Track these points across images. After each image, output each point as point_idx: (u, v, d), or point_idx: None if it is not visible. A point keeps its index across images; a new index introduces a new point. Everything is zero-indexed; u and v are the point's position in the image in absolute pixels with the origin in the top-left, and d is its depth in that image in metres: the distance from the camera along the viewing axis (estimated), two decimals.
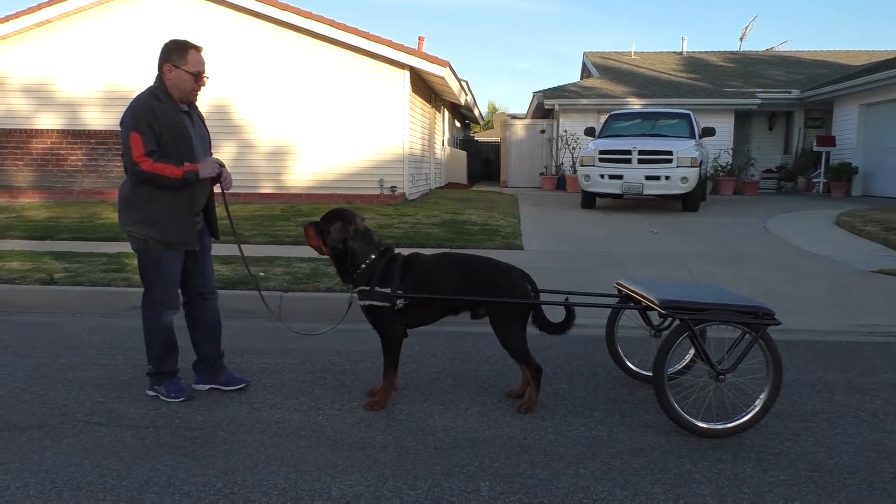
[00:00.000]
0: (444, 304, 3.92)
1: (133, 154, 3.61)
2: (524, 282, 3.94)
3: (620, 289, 4.33)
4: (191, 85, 3.83)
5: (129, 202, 3.84)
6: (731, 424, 3.55)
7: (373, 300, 3.81)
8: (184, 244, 3.90)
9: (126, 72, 13.99)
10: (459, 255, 4.17)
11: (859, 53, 24.77)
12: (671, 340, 3.56)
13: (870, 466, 3.20)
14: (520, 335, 3.88)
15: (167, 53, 3.81)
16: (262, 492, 2.86)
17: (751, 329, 3.55)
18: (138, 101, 3.74)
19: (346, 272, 3.92)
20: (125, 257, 7.79)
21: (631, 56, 26.43)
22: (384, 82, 14.03)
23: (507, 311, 3.86)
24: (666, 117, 15.21)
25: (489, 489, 2.91)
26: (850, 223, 11.26)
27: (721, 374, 3.61)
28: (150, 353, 4.05)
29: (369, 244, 3.89)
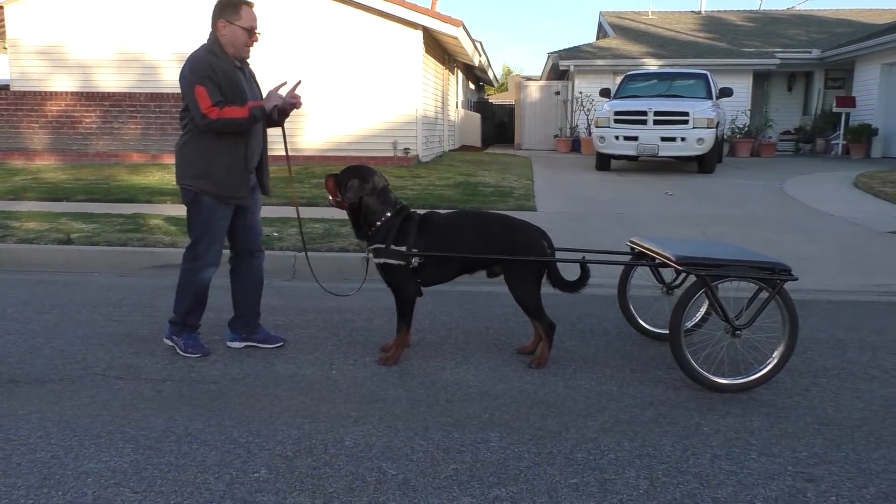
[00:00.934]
0: (460, 263, 3.92)
1: (200, 106, 3.65)
2: (540, 238, 3.94)
3: (633, 246, 4.33)
4: (244, 40, 3.86)
5: (186, 156, 3.90)
6: (747, 379, 3.57)
7: (388, 258, 3.82)
8: (237, 199, 3.94)
9: (139, 34, 13.97)
10: (475, 213, 4.18)
11: (883, 12, 24.22)
12: (688, 296, 3.55)
13: (878, 420, 3.22)
14: (534, 292, 3.89)
15: (221, 9, 3.83)
16: (277, 441, 2.92)
17: (767, 285, 3.55)
18: (196, 57, 3.78)
19: (360, 228, 3.93)
20: (140, 218, 7.86)
21: (648, 16, 25.98)
22: (397, 43, 13.90)
23: (521, 267, 3.87)
24: (682, 78, 15.00)
25: (499, 439, 2.95)
26: (868, 184, 11.13)
27: (738, 329, 3.61)
28: (178, 303, 4.07)
29: (385, 202, 3.88)
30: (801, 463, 2.78)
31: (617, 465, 2.74)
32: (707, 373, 3.56)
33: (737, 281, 3.66)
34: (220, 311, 4.91)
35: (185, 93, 3.74)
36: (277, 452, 2.82)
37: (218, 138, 3.79)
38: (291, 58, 13.74)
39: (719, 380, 3.56)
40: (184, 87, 3.75)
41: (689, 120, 12.86)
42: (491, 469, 2.70)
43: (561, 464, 2.75)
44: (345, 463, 2.74)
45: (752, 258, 3.70)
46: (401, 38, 13.89)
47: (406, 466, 2.72)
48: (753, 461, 2.79)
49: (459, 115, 21.70)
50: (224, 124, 3.71)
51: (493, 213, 4.12)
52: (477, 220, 4.06)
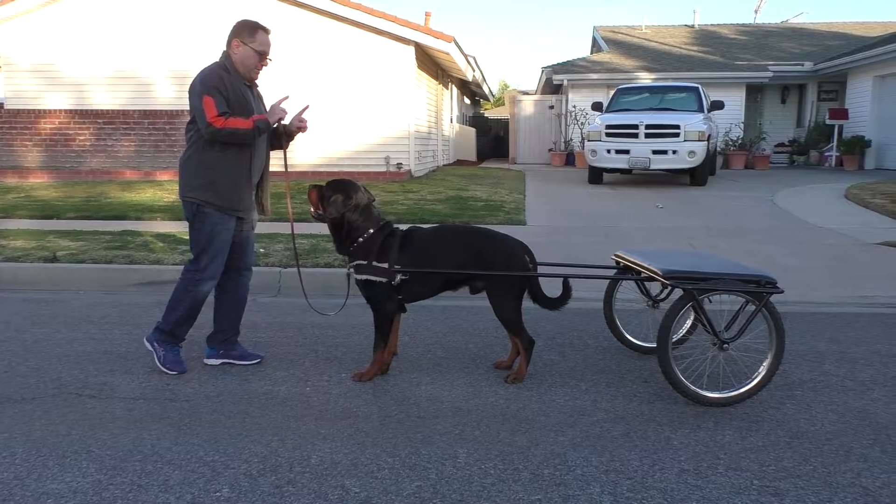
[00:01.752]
0: (443, 278, 3.90)
1: (206, 116, 3.69)
2: (522, 253, 3.91)
3: (619, 260, 4.32)
4: (254, 62, 3.93)
5: (190, 168, 3.93)
6: (735, 393, 3.55)
7: (370, 275, 3.79)
8: (239, 211, 3.97)
9: (133, 52, 14.04)
10: (457, 228, 4.18)
11: (875, 25, 24.34)
12: (676, 310, 3.54)
13: (850, 432, 3.20)
14: (515, 307, 3.86)
15: (238, 30, 3.93)
16: (243, 459, 2.91)
17: (754, 298, 3.54)
18: (207, 71, 3.85)
19: (342, 243, 3.90)
20: (128, 235, 7.88)
21: (642, 30, 26.11)
22: (389, 59, 13.97)
23: (503, 282, 3.84)
24: (674, 91, 15.06)
25: (466, 456, 2.94)
26: (859, 196, 11.15)
27: (725, 342, 3.60)
28: (170, 311, 4.05)
29: (368, 218, 3.86)
30: (769, 477, 2.77)
31: (582, 481, 2.72)
32: (695, 387, 3.54)
33: (723, 294, 3.64)
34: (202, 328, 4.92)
35: (193, 103, 3.79)
36: (242, 471, 2.80)
37: (223, 150, 3.84)
38: (284, 74, 13.78)
39: (708, 394, 3.53)
40: (192, 97, 3.81)
41: (681, 133, 12.90)
42: (455, 486, 2.69)
43: (526, 480, 2.73)
44: (308, 481, 2.72)
45: (739, 271, 3.70)
46: (393, 54, 13.96)
47: (370, 484, 2.70)
48: (721, 475, 2.78)
49: (454, 129, 21.76)
50: (228, 134, 3.75)
51: (476, 227, 4.14)
52: (459, 235, 4.06)
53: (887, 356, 4.36)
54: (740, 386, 3.58)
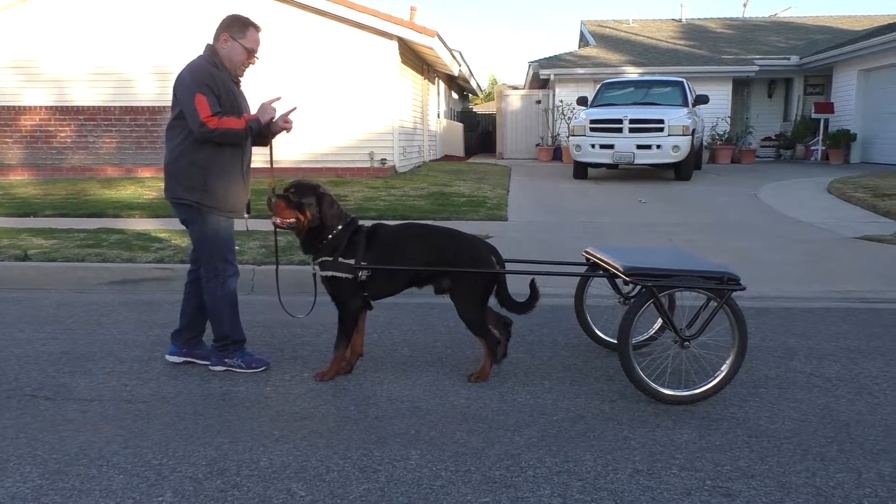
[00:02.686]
0: (408, 276, 3.85)
1: (200, 115, 3.59)
2: (489, 254, 3.85)
3: (588, 257, 4.28)
4: (242, 59, 3.84)
5: (181, 168, 3.79)
6: (697, 391, 3.51)
7: (336, 271, 3.73)
8: (236, 212, 3.91)
9: (113, 48, 13.90)
10: (423, 226, 4.08)
11: (861, 18, 24.36)
12: (636, 307, 3.50)
13: (810, 431, 3.17)
14: (477, 308, 3.81)
15: (227, 25, 3.83)
16: (190, 462, 2.86)
17: (715, 295, 3.50)
18: (196, 66, 3.73)
19: (310, 243, 3.83)
20: (103, 233, 7.80)
21: (629, 24, 26.06)
22: (372, 54, 13.88)
23: (467, 282, 3.78)
24: (659, 85, 15.03)
25: (419, 457, 2.89)
26: (841, 190, 11.16)
27: (686, 340, 3.56)
28: (218, 325, 3.97)
29: (337, 216, 3.80)
30: (722, 477, 2.73)
31: (533, 483, 2.68)
32: (657, 384, 3.51)
33: (684, 291, 3.60)
34: (167, 327, 4.87)
35: (184, 99, 3.66)
36: (188, 475, 2.75)
37: (216, 150, 3.74)
38: (266, 69, 13.68)
39: (667, 391, 3.50)
40: (182, 93, 3.67)
41: (665, 127, 12.87)
42: (403, 488, 2.64)
43: (476, 482, 2.69)
44: (254, 485, 2.67)
45: (701, 267, 3.65)
46: (376, 49, 13.87)
47: (317, 487, 2.66)
48: (674, 476, 2.74)
49: (441, 124, 21.68)
50: (221, 135, 3.66)
51: (442, 226, 4.04)
52: (425, 233, 4.00)
53: (856, 352, 4.33)
54: (702, 384, 3.54)
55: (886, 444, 3.04)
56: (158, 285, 6.32)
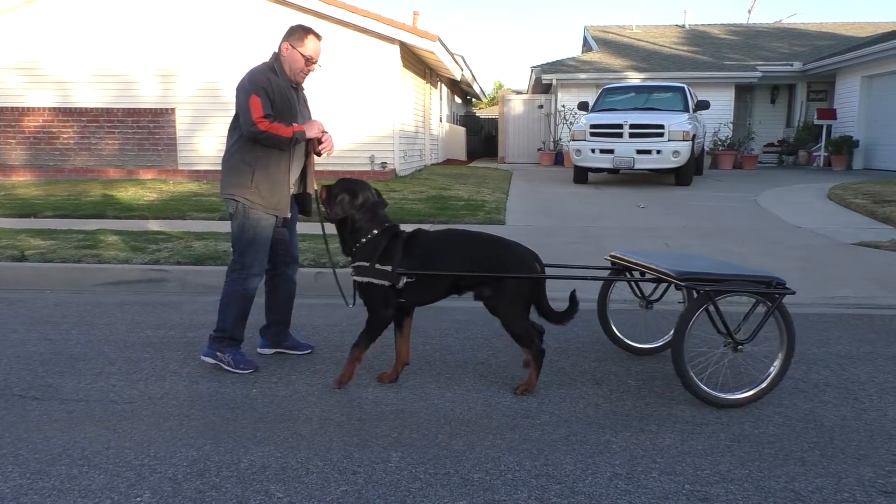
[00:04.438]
0: (447, 283, 3.72)
1: (252, 115, 3.80)
2: (533, 261, 3.73)
3: (614, 261, 4.26)
4: (301, 66, 4.06)
5: (232, 166, 4.01)
6: (748, 394, 3.54)
7: (372, 278, 3.64)
8: (279, 210, 4.04)
9: (117, 50, 13.97)
10: (464, 233, 3.93)
11: (865, 25, 24.33)
12: (692, 312, 3.49)
13: (793, 436, 3.17)
14: (522, 316, 3.69)
15: (289, 34, 4.06)
16: (171, 463, 2.87)
17: (766, 299, 3.55)
18: (256, 71, 3.97)
19: (346, 244, 3.79)
20: (101, 234, 7.82)
21: (632, 29, 26.08)
22: (374, 58, 13.91)
23: (510, 290, 3.64)
24: (660, 91, 15.04)
25: (399, 459, 2.90)
26: (841, 196, 11.13)
27: (739, 343, 3.57)
28: (224, 315, 4.09)
29: (373, 219, 3.73)
30: (701, 482, 2.73)
31: (511, 486, 2.68)
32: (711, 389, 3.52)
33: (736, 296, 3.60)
34: (158, 329, 4.90)
35: (240, 100, 3.90)
36: (168, 475, 2.76)
37: (265, 151, 3.93)
38: None
39: (719, 395, 3.51)
40: (239, 95, 3.91)
41: (665, 133, 12.88)
42: (381, 490, 2.65)
43: (454, 485, 2.69)
44: (233, 486, 2.68)
45: (748, 273, 3.71)
46: (377, 53, 13.91)
47: (295, 489, 2.66)
48: (653, 480, 2.74)
49: (443, 128, 21.71)
50: (268, 137, 3.85)
51: (483, 232, 3.90)
52: (466, 240, 3.83)
53: (845, 358, 4.32)
54: (753, 386, 3.57)
55: (868, 449, 3.03)
56: (153, 287, 6.34)
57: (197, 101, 14.00)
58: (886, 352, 4.42)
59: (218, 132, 14.07)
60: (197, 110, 14.06)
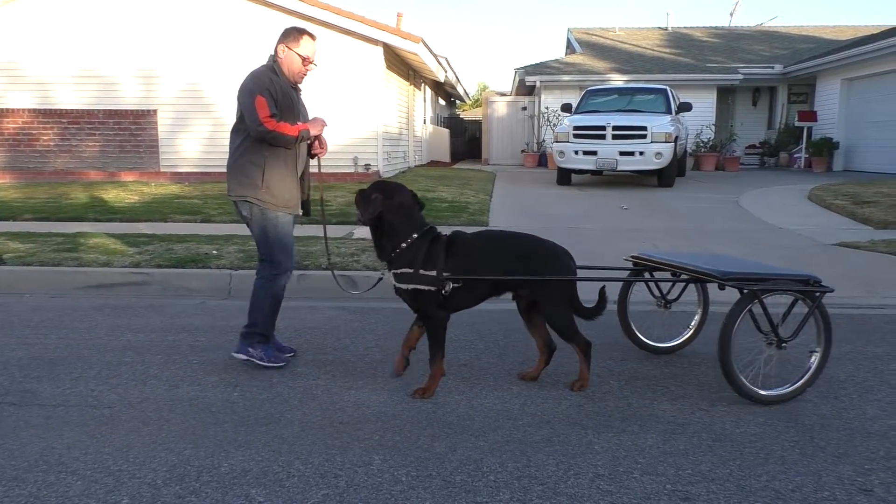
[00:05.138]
0: (488, 286, 3.71)
1: (259, 115, 3.87)
2: (568, 260, 3.77)
3: (636, 262, 4.33)
4: (299, 66, 4.12)
5: (242, 168, 4.05)
6: (789, 390, 3.61)
7: (418, 284, 3.56)
8: (291, 208, 4.13)
9: (98, 51, 13.84)
10: (503, 233, 3.94)
11: (845, 28, 24.59)
12: (738, 311, 3.54)
13: (774, 435, 3.19)
14: (567, 313, 3.72)
15: (284, 36, 4.12)
16: (150, 468, 2.83)
17: (807, 297, 3.63)
18: (257, 73, 4.05)
19: (382, 248, 3.68)
20: (81, 237, 7.74)
21: (615, 32, 26.21)
22: (357, 59, 13.88)
23: (554, 289, 3.68)
24: (642, 93, 15.10)
25: (381, 462, 2.88)
26: (821, 197, 11.23)
27: (784, 341, 3.62)
28: (256, 312, 4.15)
29: (412, 222, 3.64)
30: (683, 481, 2.74)
31: (494, 488, 2.68)
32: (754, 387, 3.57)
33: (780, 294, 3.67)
34: (139, 332, 4.85)
35: (244, 102, 3.95)
36: (147, 481, 2.73)
37: (272, 151, 4.00)
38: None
39: (762, 392, 3.57)
40: (244, 96, 3.97)
41: (648, 134, 12.93)
42: (362, 494, 2.63)
43: (436, 487, 2.68)
44: (213, 490, 2.65)
45: (787, 272, 3.82)
46: (361, 55, 13.87)
47: (276, 493, 2.64)
48: (635, 480, 2.74)
49: (427, 130, 21.69)
50: (275, 136, 3.92)
51: (522, 233, 3.90)
52: (506, 241, 3.84)
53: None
54: (793, 383, 3.63)
55: (848, 447, 3.05)
56: (134, 290, 6.28)
57: (179, 103, 13.90)
58: (866, 351, 4.46)
59: (200, 134, 14.00)
60: (179, 112, 13.96)
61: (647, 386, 3.83)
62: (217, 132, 13.93)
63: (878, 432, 3.23)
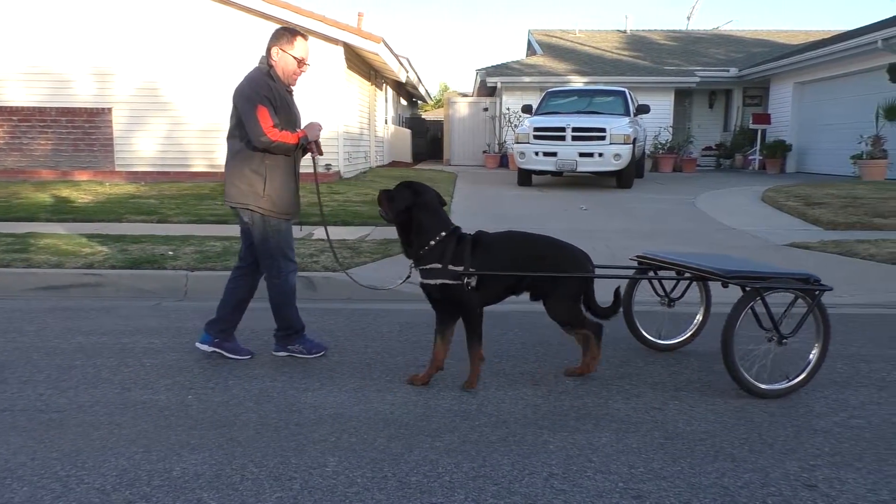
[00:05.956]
0: (508, 284, 3.85)
1: (262, 125, 3.86)
2: (586, 261, 3.95)
3: (642, 261, 4.45)
4: (294, 68, 4.11)
5: (243, 176, 4.05)
6: (789, 384, 3.74)
7: (446, 279, 3.69)
8: (291, 215, 4.18)
9: (50, 47, 13.51)
10: (524, 234, 4.08)
11: (797, 33, 25.16)
12: (740, 308, 3.67)
13: (724, 432, 3.25)
14: (575, 307, 3.89)
15: (277, 39, 4.09)
16: (100, 473, 2.78)
17: (807, 295, 3.74)
18: (255, 79, 4.00)
19: (410, 245, 3.79)
20: (32, 238, 7.56)
21: (575, 34, 26.45)
22: (318, 59, 13.71)
23: (567, 289, 3.85)
24: (602, 95, 15.28)
25: (336, 464, 2.87)
26: (774, 198, 11.48)
27: (785, 338, 3.74)
28: (280, 316, 4.25)
29: (439, 221, 3.78)
30: (635, 479, 2.78)
31: (448, 489, 2.68)
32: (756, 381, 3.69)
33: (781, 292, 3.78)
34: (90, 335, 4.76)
35: (245, 110, 3.92)
36: (96, 486, 2.68)
37: (272, 159, 4.02)
38: (210, 72, 13.49)
39: (763, 386, 3.69)
40: (243, 104, 3.93)
41: (607, 136, 13.08)
42: (317, 496, 2.62)
43: (391, 488, 2.68)
44: (164, 495, 2.61)
45: (788, 271, 3.96)
46: (322, 54, 13.74)
47: (229, 496, 2.61)
48: (588, 479, 2.77)
49: (389, 130, 21.64)
50: (277, 146, 3.94)
51: (540, 234, 4.08)
52: (526, 241, 3.99)
53: None
54: (793, 378, 3.76)
55: (795, 444, 3.13)
56: (87, 291, 6.16)
57: (135, 101, 13.64)
58: None
59: (157, 133, 13.76)
60: (135, 110, 13.70)
61: (602, 385, 3.87)
62: (175, 131, 13.72)
63: (824, 429, 3.31)
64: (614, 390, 3.79)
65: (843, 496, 2.67)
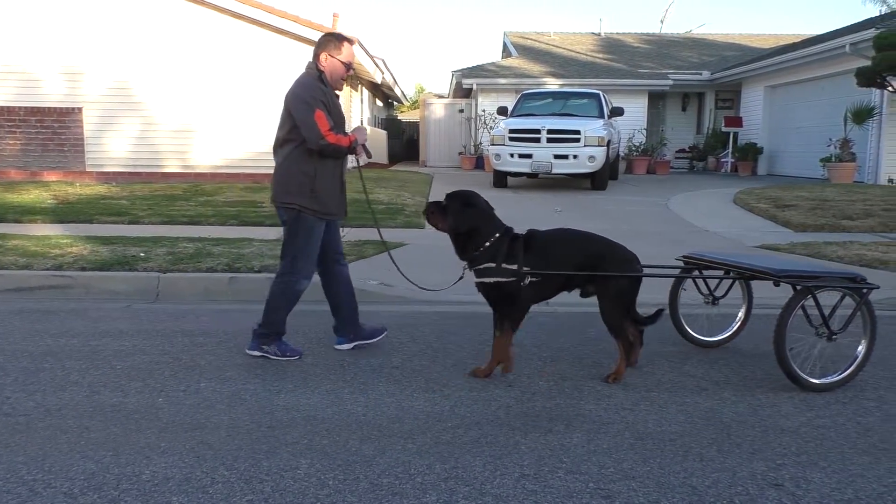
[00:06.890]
0: (561, 281, 3.99)
1: (321, 129, 3.98)
2: (636, 262, 4.04)
3: (688, 261, 4.65)
4: (342, 73, 4.22)
5: (292, 175, 4.16)
6: (838, 378, 3.87)
7: (500, 277, 3.84)
8: (334, 215, 4.31)
9: (19, 46, 13.31)
10: (576, 233, 4.19)
11: (768, 37, 25.52)
12: (792, 306, 3.80)
13: (694, 432, 3.29)
14: (622, 312, 3.98)
15: (324, 45, 4.19)
16: (67, 477, 2.75)
17: (855, 293, 3.86)
18: (309, 84, 4.12)
19: (464, 249, 3.95)
20: (1, 239, 7.44)
21: (550, 36, 26.59)
22: (292, 59, 13.64)
23: (617, 287, 3.95)
24: (576, 97, 15.38)
25: (308, 467, 2.86)
26: (745, 201, 11.64)
27: (834, 334, 3.86)
28: (269, 314, 4.30)
29: (493, 224, 3.97)
30: (605, 479, 2.80)
31: (420, 490, 2.69)
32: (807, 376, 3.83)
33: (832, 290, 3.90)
34: (59, 337, 4.70)
35: (303, 113, 4.02)
36: (63, 490, 2.65)
37: (322, 160, 4.13)
38: (183, 72, 13.37)
39: (814, 380, 3.83)
40: (300, 107, 4.04)
41: (581, 138, 13.18)
42: (289, 498, 2.61)
43: (363, 490, 2.68)
44: (133, 499, 2.59)
45: (836, 270, 4.10)
46: (296, 55, 13.66)
47: (199, 499, 2.59)
48: (559, 479, 2.79)
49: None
50: (334, 149, 4.08)
51: (593, 233, 4.18)
52: (578, 240, 4.12)
53: (747, 356, 4.53)
54: (842, 372, 3.89)
55: (762, 444, 3.18)
56: (56, 293, 6.08)
57: (106, 101, 13.48)
58: None
59: (129, 133, 13.61)
60: (106, 110, 13.54)
61: (575, 386, 3.90)
62: (147, 131, 13.58)
63: (791, 428, 3.37)
64: (586, 391, 3.82)
65: (809, 495, 2.72)
